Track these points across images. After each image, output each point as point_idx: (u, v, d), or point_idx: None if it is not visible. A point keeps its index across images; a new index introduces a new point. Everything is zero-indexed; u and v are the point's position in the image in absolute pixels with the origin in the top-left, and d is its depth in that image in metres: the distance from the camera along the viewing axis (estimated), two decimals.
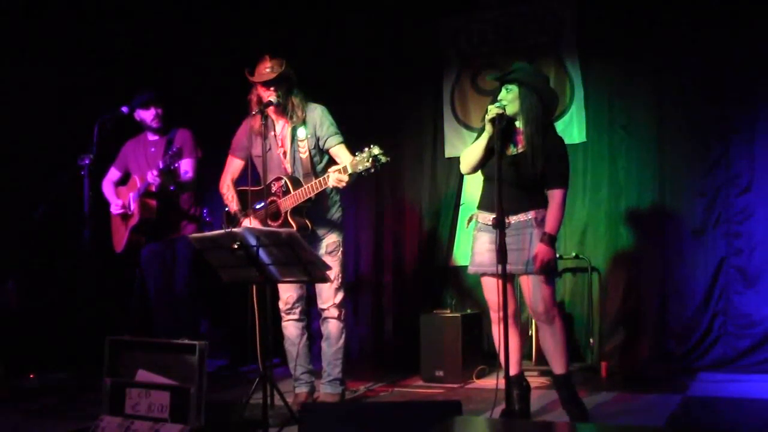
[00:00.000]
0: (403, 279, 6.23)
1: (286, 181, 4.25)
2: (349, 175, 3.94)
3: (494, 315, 3.91)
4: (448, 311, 5.29)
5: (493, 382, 4.26)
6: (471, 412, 3.95)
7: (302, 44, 6.28)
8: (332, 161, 4.37)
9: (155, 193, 4.87)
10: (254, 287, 4.39)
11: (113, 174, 5.23)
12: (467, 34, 6.04)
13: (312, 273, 3.58)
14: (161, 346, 3.65)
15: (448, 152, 6.06)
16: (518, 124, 3.83)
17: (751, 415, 4.01)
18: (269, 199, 4.31)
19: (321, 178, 4.10)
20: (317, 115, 4.35)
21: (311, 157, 4.33)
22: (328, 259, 4.23)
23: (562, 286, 5.64)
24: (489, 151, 3.80)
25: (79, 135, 4.89)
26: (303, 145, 4.31)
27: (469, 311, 5.32)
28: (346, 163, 3.98)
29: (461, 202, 6.04)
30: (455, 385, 4.96)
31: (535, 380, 5.00)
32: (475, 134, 4.00)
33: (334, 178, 3.97)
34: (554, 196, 3.79)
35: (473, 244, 3.97)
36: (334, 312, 4.39)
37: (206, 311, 5.98)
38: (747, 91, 5.14)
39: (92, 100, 5.62)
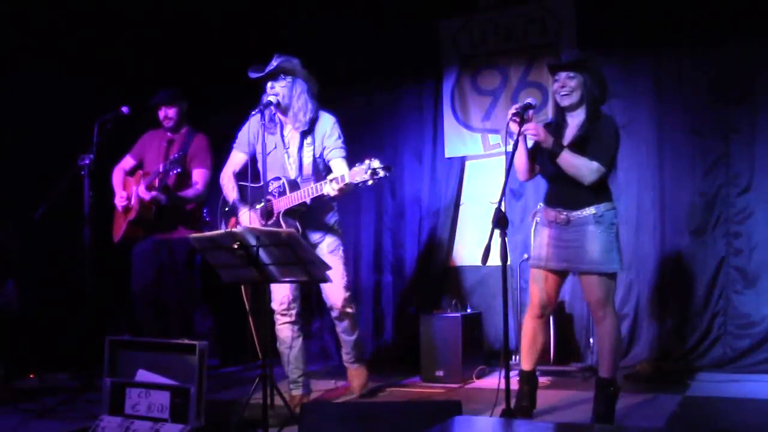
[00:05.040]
0: (403, 279, 6.23)
1: (284, 182, 4.28)
2: (346, 184, 3.96)
3: (531, 310, 3.94)
4: (448, 311, 5.29)
5: (493, 381, 4.26)
6: (471, 412, 3.94)
7: (302, 44, 6.26)
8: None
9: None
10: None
11: (127, 162, 5.12)
12: (467, 34, 6.03)
13: (312, 273, 3.58)
14: (161, 346, 3.65)
15: (448, 152, 6.06)
16: (569, 118, 3.81)
17: (751, 415, 4.01)
18: (265, 198, 4.35)
19: (318, 184, 4.12)
20: (328, 125, 4.41)
21: (314, 163, 4.39)
22: (329, 258, 4.25)
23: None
24: (531, 152, 3.85)
25: (79, 135, 4.88)
26: (309, 150, 4.36)
27: (469, 311, 5.32)
28: (344, 173, 4.01)
29: (461, 202, 6.06)
30: (455, 385, 4.96)
31: None
32: (476, 134, 4.00)
33: (330, 187, 4.00)
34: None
35: (534, 238, 4.04)
36: (348, 310, 4.50)
37: (201, 311, 5.98)
38: (747, 91, 5.14)
39: (92, 100, 5.60)
